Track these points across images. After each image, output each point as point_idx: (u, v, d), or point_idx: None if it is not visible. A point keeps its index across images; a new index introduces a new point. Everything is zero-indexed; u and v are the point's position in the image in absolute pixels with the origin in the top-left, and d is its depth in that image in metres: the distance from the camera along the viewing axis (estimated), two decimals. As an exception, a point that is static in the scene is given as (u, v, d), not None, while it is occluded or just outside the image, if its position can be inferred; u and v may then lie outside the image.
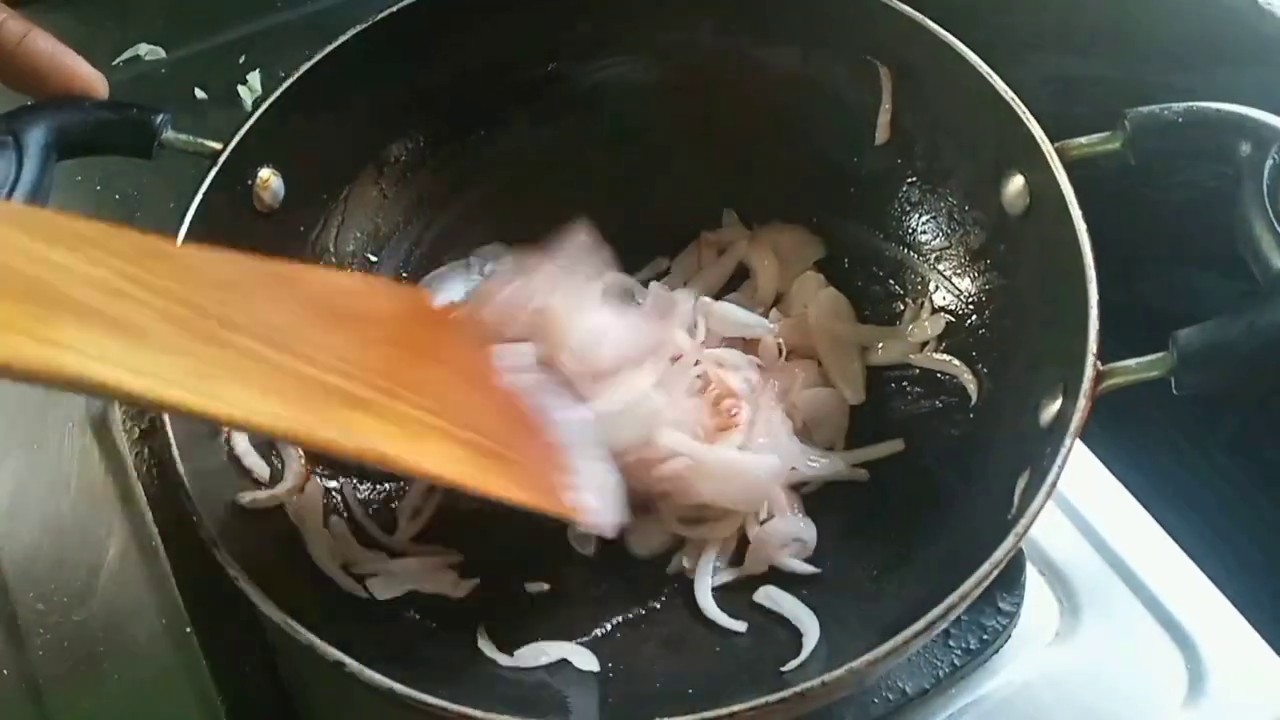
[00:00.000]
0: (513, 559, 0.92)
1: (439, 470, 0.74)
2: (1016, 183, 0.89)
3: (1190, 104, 0.81)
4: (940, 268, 1.00)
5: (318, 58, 0.94)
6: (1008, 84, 0.88)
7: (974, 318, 0.97)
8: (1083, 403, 0.74)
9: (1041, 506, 0.72)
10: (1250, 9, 1.00)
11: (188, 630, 0.95)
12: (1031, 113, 0.86)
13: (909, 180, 1.01)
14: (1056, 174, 0.82)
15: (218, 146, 0.88)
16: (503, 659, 0.85)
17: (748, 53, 1.04)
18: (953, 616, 0.71)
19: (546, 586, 0.91)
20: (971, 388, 0.94)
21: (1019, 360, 0.90)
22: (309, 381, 0.70)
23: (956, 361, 0.96)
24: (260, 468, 0.88)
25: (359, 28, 0.95)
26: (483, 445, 0.79)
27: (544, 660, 0.86)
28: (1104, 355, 0.76)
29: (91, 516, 1.02)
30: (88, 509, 1.03)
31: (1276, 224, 0.73)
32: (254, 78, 1.31)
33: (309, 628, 0.71)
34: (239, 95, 1.30)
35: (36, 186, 0.83)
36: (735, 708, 0.68)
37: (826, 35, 1.00)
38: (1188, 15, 1.05)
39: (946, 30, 0.91)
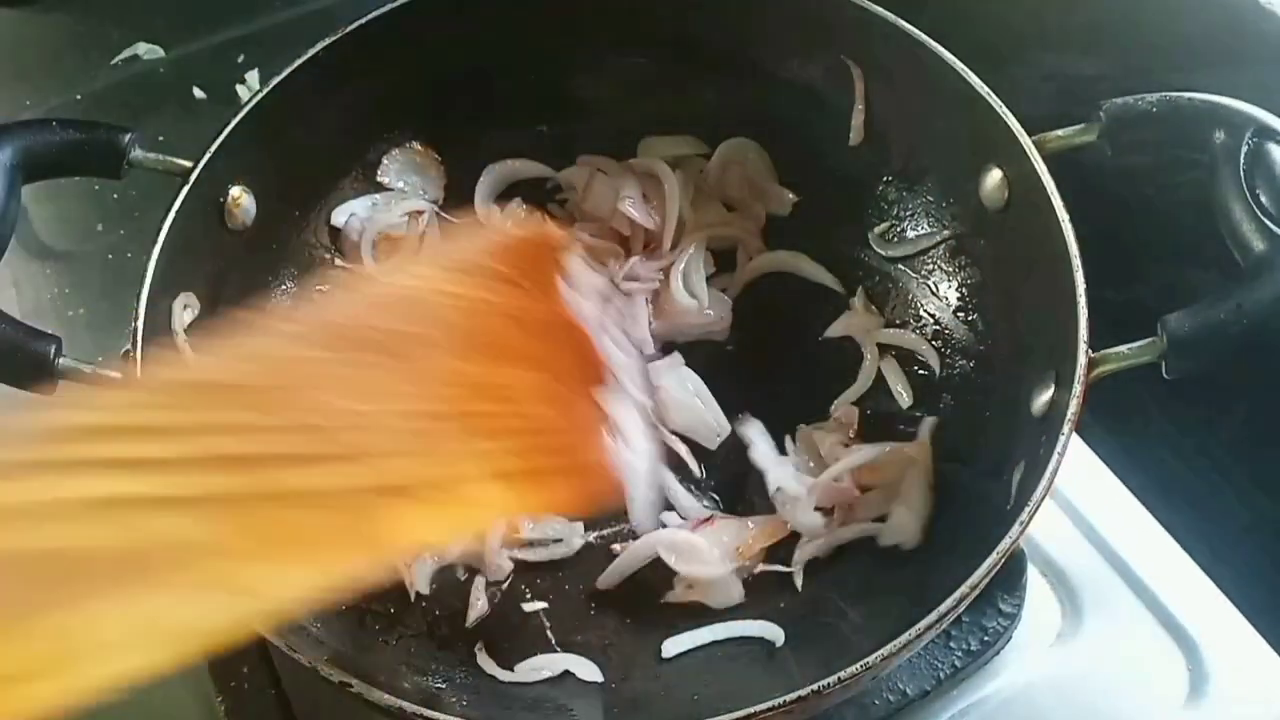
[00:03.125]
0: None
1: (491, 522, 0.69)
2: (994, 177, 0.89)
3: (1165, 94, 0.82)
4: (921, 265, 1.00)
5: (285, 73, 0.93)
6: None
7: (956, 313, 0.97)
8: (1077, 389, 0.74)
9: (1043, 497, 0.72)
10: (1252, 8, 1.00)
11: (186, 631, 0.95)
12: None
13: (885, 180, 1.01)
14: (1036, 166, 0.83)
15: (187, 165, 0.87)
16: (503, 674, 0.85)
17: (724, 56, 1.04)
18: (962, 608, 0.71)
19: (544, 605, 0.91)
20: (934, 362, 0.96)
21: (1006, 353, 0.90)
22: (340, 501, 0.59)
23: (912, 335, 0.98)
24: None
25: (327, 40, 0.94)
26: (540, 462, 0.71)
27: (545, 674, 0.86)
28: (1095, 344, 0.76)
29: (90, 517, 1.02)
30: (86, 509, 1.03)
31: (1254, 208, 0.75)
32: (252, 77, 1.31)
33: (307, 648, 0.71)
34: (237, 94, 1.30)
35: (3, 211, 0.82)
36: (755, 709, 0.68)
37: (800, 36, 1.00)
38: (1189, 14, 1.05)
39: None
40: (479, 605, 0.90)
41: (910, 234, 1.00)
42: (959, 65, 0.89)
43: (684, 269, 1.02)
